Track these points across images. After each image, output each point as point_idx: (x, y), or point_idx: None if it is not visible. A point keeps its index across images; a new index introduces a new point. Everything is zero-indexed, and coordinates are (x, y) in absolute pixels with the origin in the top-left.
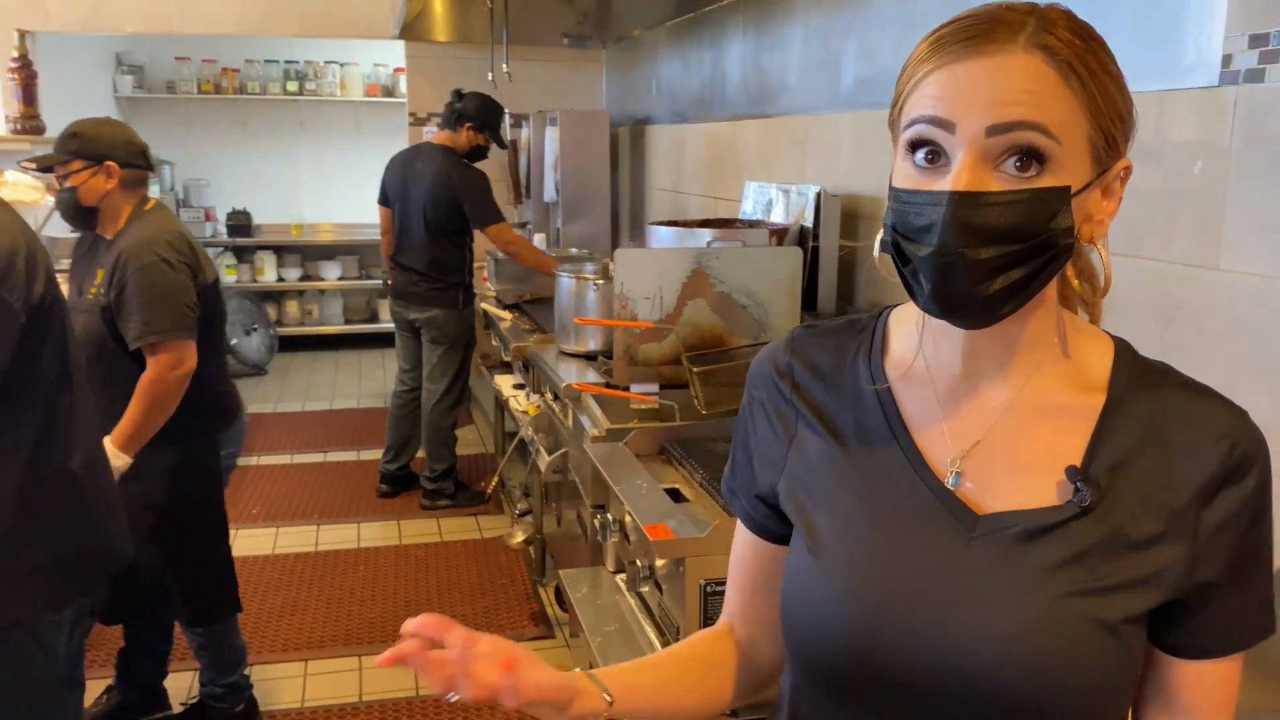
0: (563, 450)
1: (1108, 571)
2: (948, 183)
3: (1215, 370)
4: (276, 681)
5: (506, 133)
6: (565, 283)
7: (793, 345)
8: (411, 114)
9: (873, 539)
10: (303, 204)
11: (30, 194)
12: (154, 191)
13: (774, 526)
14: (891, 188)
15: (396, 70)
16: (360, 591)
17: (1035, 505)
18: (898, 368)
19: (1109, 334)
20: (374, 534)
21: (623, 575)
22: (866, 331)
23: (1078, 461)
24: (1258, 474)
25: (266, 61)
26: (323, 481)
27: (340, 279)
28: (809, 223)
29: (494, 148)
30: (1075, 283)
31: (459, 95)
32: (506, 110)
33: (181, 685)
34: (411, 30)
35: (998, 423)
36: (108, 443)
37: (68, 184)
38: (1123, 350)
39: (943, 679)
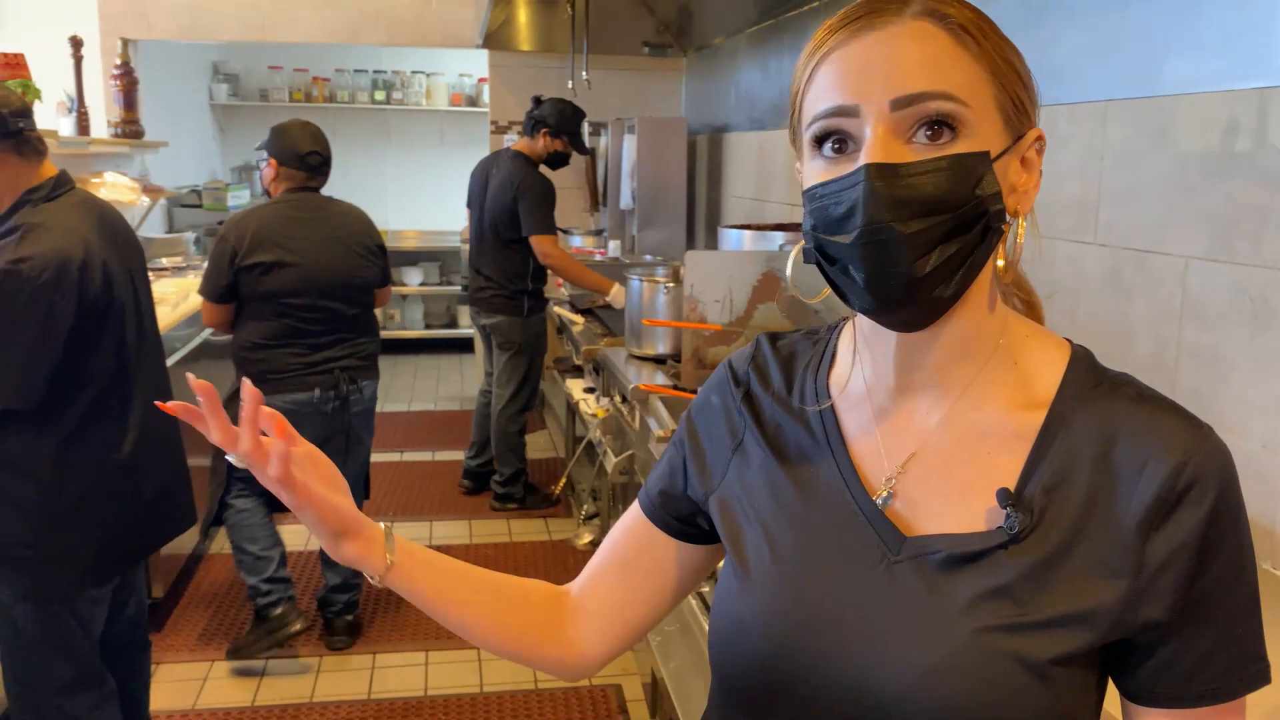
0: (629, 452)
1: (1036, 606)
2: (861, 160)
3: None
4: (344, 674)
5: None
6: (635, 285)
7: (755, 355)
8: (493, 122)
9: (797, 559)
10: (388, 210)
11: (127, 194)
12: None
13: (671, 521)
14: (804, 192)
15: (480, 80)
16: None
17: (964, 530)
18: (839, 384)
19: (1070, 342)
20: (445, 532)
21: None
22: (820, 345)
23: (1013, 484)
24: (1212, 500)
25: (355, 71)
26: (398, 480)
27: (422, 284)
28: None
29: (576, 155)
30: (999, 267)
31: (537, 101)
32: (586, 116)
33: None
34: (494, 39)
35: (931, 439)
36: None
37: None
38: (1079, 360)
39: (853, 710)
